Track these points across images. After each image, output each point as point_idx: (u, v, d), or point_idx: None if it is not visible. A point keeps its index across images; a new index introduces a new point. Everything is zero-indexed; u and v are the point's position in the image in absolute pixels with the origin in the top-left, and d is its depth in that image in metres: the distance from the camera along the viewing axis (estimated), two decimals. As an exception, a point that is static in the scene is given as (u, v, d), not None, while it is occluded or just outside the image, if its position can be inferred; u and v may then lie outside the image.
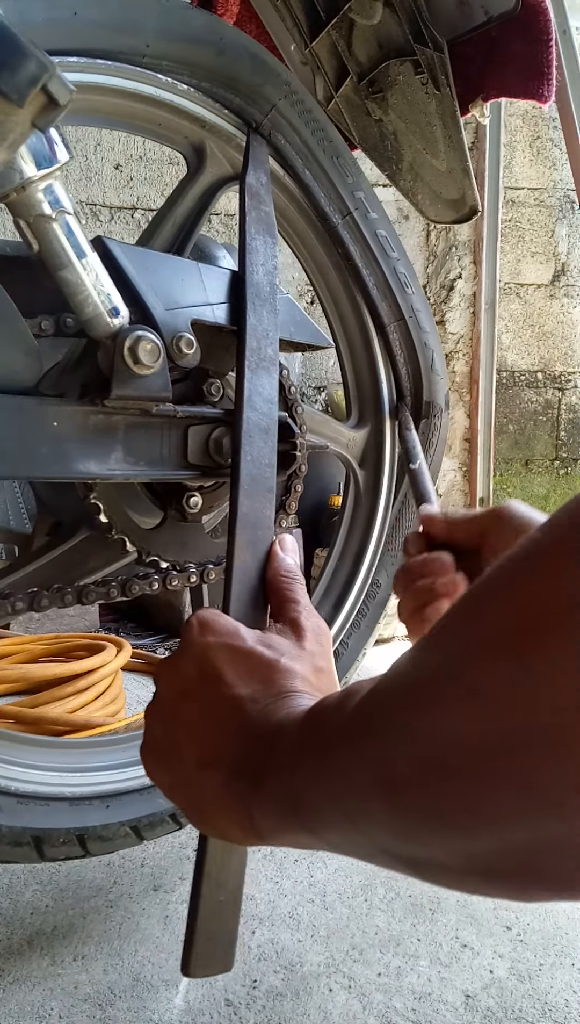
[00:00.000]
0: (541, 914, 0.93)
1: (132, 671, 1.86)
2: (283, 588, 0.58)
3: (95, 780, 0.84)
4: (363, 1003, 0.77)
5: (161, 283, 0.75)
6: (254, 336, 0.74)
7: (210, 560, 0.85)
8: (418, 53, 1.00)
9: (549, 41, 0.98)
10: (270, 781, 0.43)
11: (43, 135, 0.62)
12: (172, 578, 0.81)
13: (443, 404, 1.10)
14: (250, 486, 0.64)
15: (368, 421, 1.08)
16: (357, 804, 0.37)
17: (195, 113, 0.87)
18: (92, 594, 0.77)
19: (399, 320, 1.05)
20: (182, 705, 0.49)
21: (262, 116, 0.91)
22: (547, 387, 3.47)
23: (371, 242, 1.01)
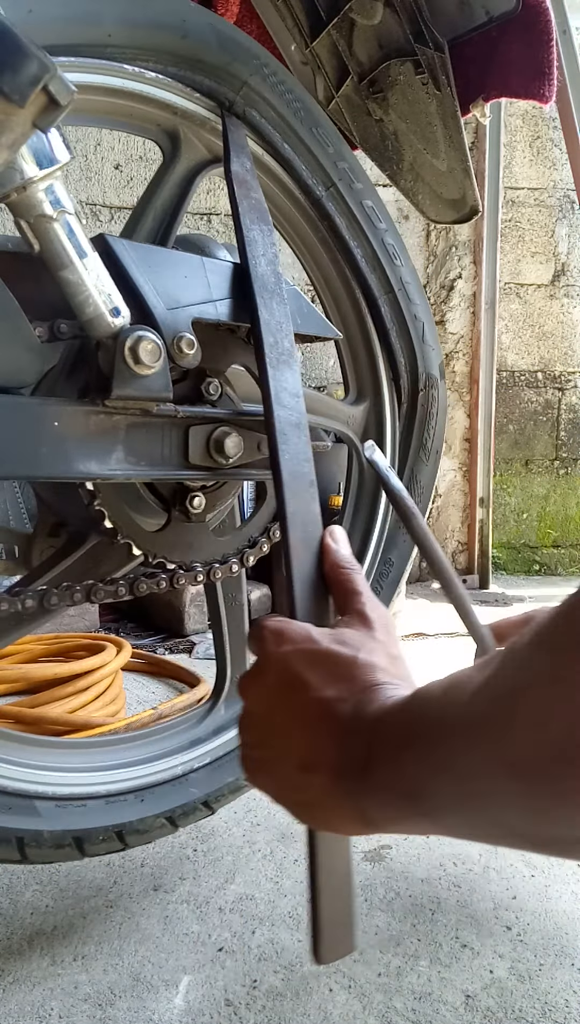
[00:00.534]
0: (541, 914, 0.93)
1: (132, 671, 1.86)
2: (344, 580, 0.59)
3: (129, 776, 0.88)
4: (363, 1003, 0.78)
5: (163, 280, 0.75)
6: (269, 331, 0.74)
7: (216, 559, 0.85)
8: (419, 53, 1.00)
9: (550, 41, 0.98)
10: (379, 773, 0.44)
11: (44, 135, 0.62)
12: (179, 577, 0.81)
13: (438, 374, 1.09)
14: (293, 484, 0.64)
15: (366, 396, 1.07)
16: (486, 788, 0.38)
17: (165, 100, 0.85)
18: (100, 592, 0.78)
19: (389, 293, 1.03)
20: (273, 716, 0.51)
21: (234, 94, 0.88)
22: (547, 387, 3.47)
23: (358, 213, 0.99)
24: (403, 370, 1.07)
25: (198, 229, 2.90)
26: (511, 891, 0.98)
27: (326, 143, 0.96)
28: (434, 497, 3.32)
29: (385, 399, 1.07)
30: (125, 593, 0.78)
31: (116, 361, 0.70)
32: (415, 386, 1.08)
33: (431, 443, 1.10)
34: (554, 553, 3.54)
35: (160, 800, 0.89)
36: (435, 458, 1.11)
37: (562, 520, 3.54)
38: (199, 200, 2.90)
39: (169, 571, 0.81)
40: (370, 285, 1.02)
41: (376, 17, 1.00)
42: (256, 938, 0.87)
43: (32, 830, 0.77)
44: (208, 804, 0.93)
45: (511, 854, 1.06)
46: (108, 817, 0.84)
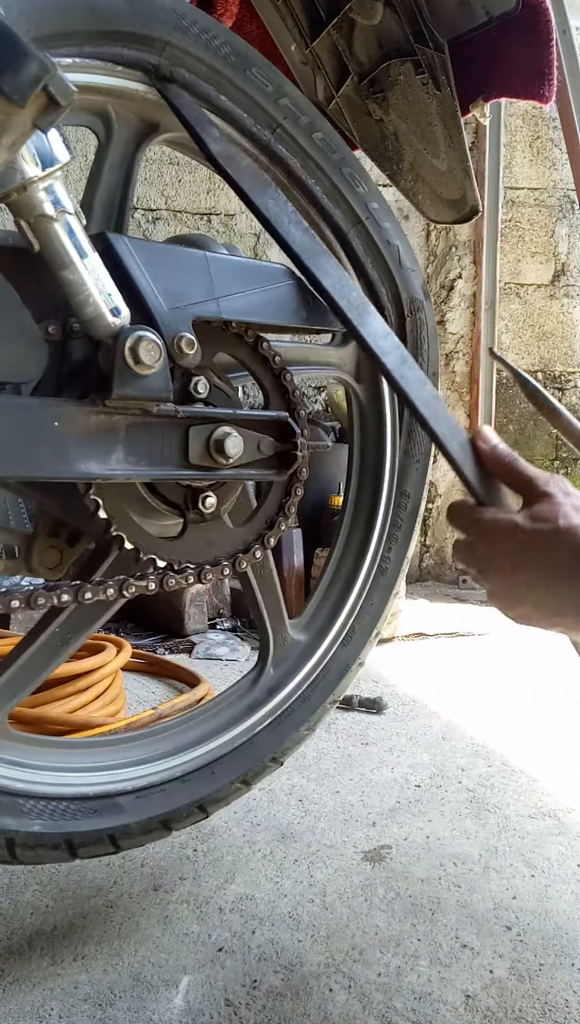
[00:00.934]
0: (541, 914, 0.93)
1: (132, 671, 1.86)
2: (512, 469, 0.72)
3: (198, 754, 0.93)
4: (363, 1003, 0.78)
5: (164, 279, 0.75)
6: (337, 293, 0.79)
7: (239, 549, 0.86)
8: (419, 53, 1.00)
9: (550, 41, 0.98)
10: None
11: (44, 135, 0.62)
12: (206, 573, 0.83)
13: (423, 296, 1.06)
14: (428, 408, 0.77)
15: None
16: None
17: (87, 83, 0.79)
18: (132, 587, 0.79)
19: (357, 224, 0.99)
20: (517, 588, 0.68)
21: (158, 57, 0.82)
22: (547, 387, 3.47)
23: (309, 148, 0.95)
24: (386, 299, 1.03)
25: (198, 229, 2.90)
26: (511, 891, 0.98)
27: (264, 83, 0.90)
28: (434, 497, 3.32)
29: None
30: (155, 588, 0.80)
31: (116, 361, 0.70)
32: (401, 313, 1.04)
33: (426, 367, 1.08)
34: (554, 553, 3.53)
35: (231, 768, 0.94)
36: (434, 380, 1.09)
37: (562, 520, 3.53)
38: (199, 200, 2.90)
39: (196, 567, 0.82)
40: (336, 219, 0.98)
41: (376, 17, 1.00)
42: (256, 938, 0.87)
43: (120, 825, 0.83)
44: (276, 759, 0.98)
45: (511, 854, 1.06)
46: (188, 795, 0.89)
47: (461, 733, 1.53)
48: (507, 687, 1.88)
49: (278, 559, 2.36)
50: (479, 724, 1.58)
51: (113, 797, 0.85)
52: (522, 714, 1.66)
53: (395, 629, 2.31)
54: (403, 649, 2.22)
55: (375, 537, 1.08)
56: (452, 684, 1.88)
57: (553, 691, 1.85)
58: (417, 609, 2.73)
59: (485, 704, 1.73)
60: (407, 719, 1.61)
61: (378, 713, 1.63)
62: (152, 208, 2.88)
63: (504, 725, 1.58)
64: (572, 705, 1.74)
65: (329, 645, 1.05)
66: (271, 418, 0.86)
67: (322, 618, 1.06)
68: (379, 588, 1.08)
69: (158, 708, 1.47)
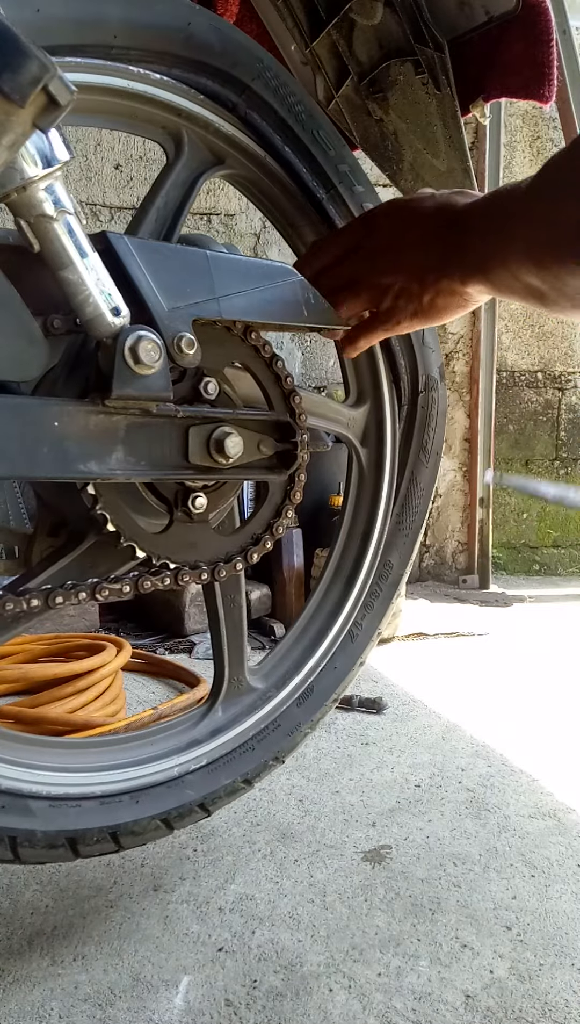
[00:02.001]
0: (541, 914, 0.93)
1: (132, 671, 1.86)
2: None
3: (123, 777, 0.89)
4: (363, 1003, 0.78)
5: (165, 278, 0.75)
6: None
7: (220, 558, 0.86)
8: (419, 53, 1.00)
9: (550, 41, 0.98)
10: (471, 252, 0.76)
11: (44, 135, 0.62)
12: (183, 575, 0.82)
13: (438, 376, 1.09)
14: None
15: (366, 399, 1.07)
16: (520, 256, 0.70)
17: (169, 102, 0.85)
18: (105, 590, 0.77)
19: None
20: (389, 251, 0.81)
21: (237, 97, 0.90)
22: (547, 387, 3.47)
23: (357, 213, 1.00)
24: (403, 372, 1.06)
25: (198, 229, 2.90)
26: (511, 891, 0.98)
27: (328, 146, 0.97)
28: (434, 497, 3.32)
29: (385, 401, 1.07)
30: (130, 592, 0.78)
31: (116, 361, 0.70)
32: (415, 388, 1.08)
33: (431, 445, 1.10)
34: (554, 553, 3.54)
35: (155, 802, 0.89)
36: (435, 459, 1.11)
37: (562, 520, 3.54)
38: (199, 200, 2.90)
39: (173, 569, 0.81)
40: None
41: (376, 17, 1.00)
42: (256, 938, 0.87)
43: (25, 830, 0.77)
44: (204, 807, 0.93)
45: (511, 854, 1.06)
46: (103, 818, 0.83)
47: (461, 733, 1.53)
48: (507, 687, 1.88)
49: (278, 559, 2.37)
50: (479, 724, 1.58)
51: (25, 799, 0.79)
52: (522, 714, 1.67)
53: (395, 629, 2.31)
54: (403, 649, 2.22)
55: (351, 601, 1.08)
56: (452, 684, 1.88)
57: (553, 691, 1.85)
58: (417, 609, 2.73)
59: (485, 704, 1.73)
60: (407, 719, 1.61)
61: (378, 713, 1.63)
62: (152, 208, 2.88)
63: (504, 725, 1.58)
64: (572, 705, 1.74)
65: (284, 699, 1.03)
66: (271, 418, 0.86)
67: (282, 671, 1.05)
68: (344, 653, 1.08)
69: (158, 708, 1.47)
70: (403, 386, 1.07)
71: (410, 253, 0.80)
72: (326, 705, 1.06)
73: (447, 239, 0.78)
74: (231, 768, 0.96)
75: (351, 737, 1.49)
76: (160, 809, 0.88)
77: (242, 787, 0.97)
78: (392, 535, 1.10)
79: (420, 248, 0.79)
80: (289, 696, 1.03)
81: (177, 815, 0.90)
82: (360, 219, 0.86)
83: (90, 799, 0.83)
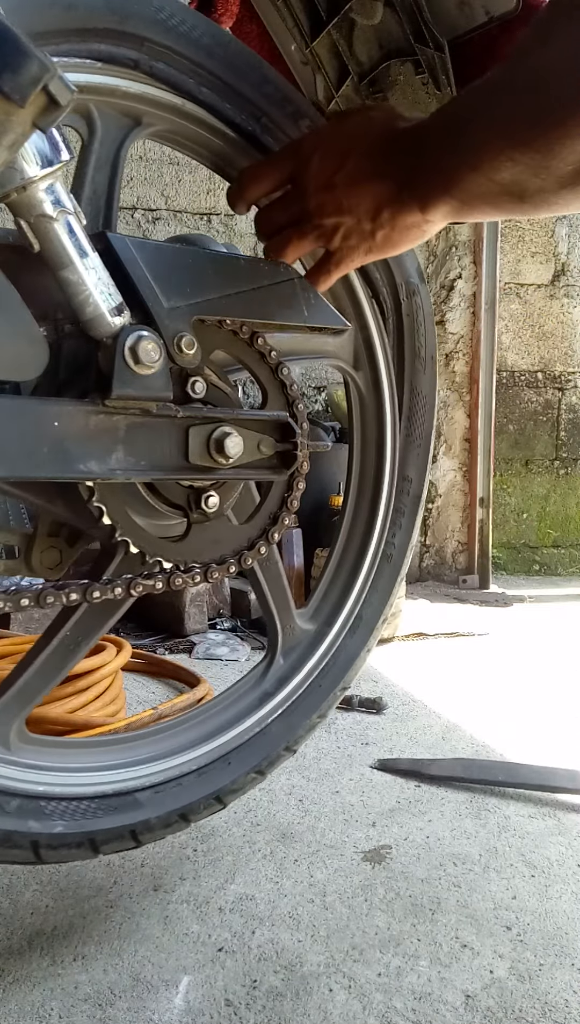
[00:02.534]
0: (541, 914, 0.93)
1: (132, 671, 1.86)
2: None
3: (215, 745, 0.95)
4: (363, 1003, 0.78)
5: (165, 278, 0.75)
6: None
7: (244, 546, 0.87)
8: (419, 53, 1.00)
9: (550, 41, 0.98)
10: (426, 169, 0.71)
11: (43, 135, 0.62)
12: (213, 571, 0.84)
13: (418, 280, 1.06)
14: None
15: (350, 321, 1.03)
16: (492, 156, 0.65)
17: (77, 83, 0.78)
18: (140, 586, 0.79)
19: None
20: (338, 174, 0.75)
21: (137, 53, 0.81)
22: (547, 387, 3.47)
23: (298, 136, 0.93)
24: (381, 285, 1.03)
25: (198, 229, 2.90)
26: (511, 891, 0.98)
27: (246, 73, 0.88)
28: (434, 497, 3.32)
29: (369, 319, 1.04)
30: (163, 587, 0.80)
31: (116, 361, 0.70)
32: (397, 298, 1.05)
33: (424, 351, 1.08)
34: (554, 553, 3.54)
35: (247, 758, 0.95)
36: (431, 364, 1.09)
37: (562, 520, 3.54)
38: (199, 200, 2.90)
39: (203, 566, 0.83)
40: None
41: (376, 17, 1.00)
42: (256, 938, 0.87)
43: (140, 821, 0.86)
44: (289, 748, 1.00)
45: (511, 854, 1.06)
46: (204, 788, 0.91)
47: (461, 733, 1.53)
48: (507, 687, 1.88)
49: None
50: (479, 724, 1.58)
51: (132, 794, 0.86)
52: (522, 714, 1.67)
53: (395, 629, 2.31)
54: (403, 649, 2.22)
55: (379, 522, 1.08)
56: (452, 684, 1.88)
57: (553, 691, 1.85)
58: (417, 609, 2.73)
59: (485, 704, 1.73)
60: (407, 719, 1.61)
61: (378, 713, 1.63)
62: (152, 208, 2.88)
63: (504, 725, 1.58)
64: (572, 705, 1.74)
65: (337, 633, 1.05)
66: (271, 418, 0.86)
67: (329, 607, 1.07)
68: (385, 575, 1.09)
69: (158, 708, 1.47)
70: (384, 299, 1.04)
71: (355, 191, 0.74)
72: (377, 628, 1.09)
73: (398, 166, 0.72)
74: (305, 708, 1.01)
75: (351, 737, 1.49)
76: (252, 763, 0.96)
77: (317, 722, 1.03)
78: (405, 450, 1.09)
79: (365, 182, 0.74)
80: (341, 629, 1.06)
81: (267, 763, 0.97)
82: (290, 148, 0.80)
83: (189, 775, 0.90)
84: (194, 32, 0.84)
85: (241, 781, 0.95)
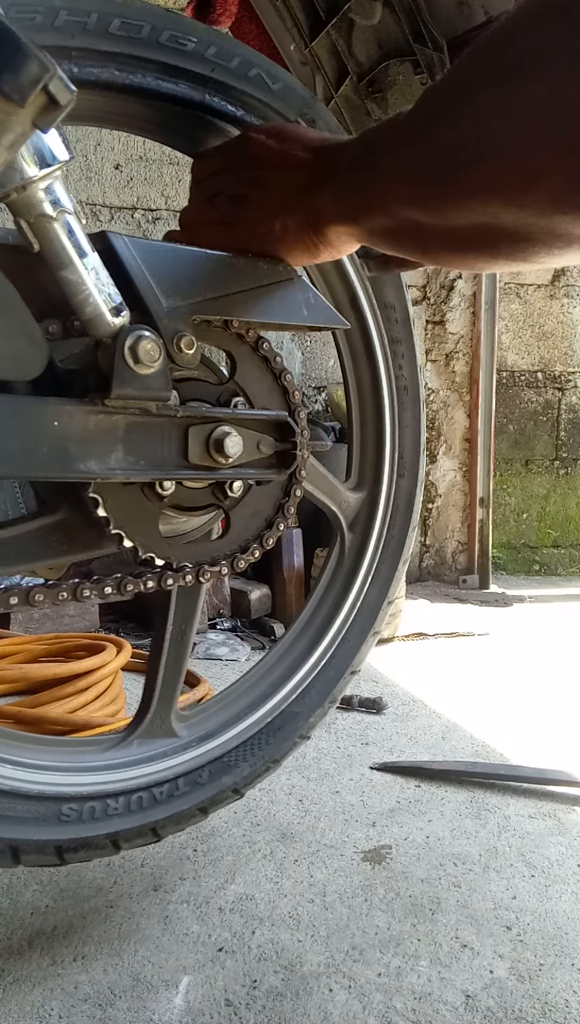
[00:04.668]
0: (541, 914, 0.93)
1: (132, 671, 1.86)
2: None
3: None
4: (363, 1003, 0.78)
5: (165, 277, 0.75)
6: None
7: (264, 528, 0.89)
8: (418, 53, 1.00)
9: (549, 41, 0.98)
10: (336, 185, 0.69)
11: (43, 135, 0.62)
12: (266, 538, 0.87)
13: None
14: None
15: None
16: (399, 192, 0.63)
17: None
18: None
19: None
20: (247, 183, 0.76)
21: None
22: (547, 387, 3.47)
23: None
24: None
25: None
26: (511, 891, 0.98)
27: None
28: (434, 497, 3.32)
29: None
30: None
31: (116, 361, 0.70)
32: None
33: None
34: (554, 553, 3.54)
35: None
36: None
37: (562, 520, 3.54)
38: (199, 200, 2.90)
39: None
40: None
41: (375, 17, 1.00)
42: (256, 938, 0.87)
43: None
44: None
45: (511, 854, 1.06)
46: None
47: (461, 733, 1.53)
48: (507, 687, 1.88)
49: (278, 559, 2.37)
50: (479, 724, 1.58)
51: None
52: (522, 714, 1.67)
53: (395, 629, 2.31)
54: (403, 649, 2.22)
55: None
56: (452, 684, 1.88)
57: (553, 691, 1.85)
58: (417, 609, 2.73)
59: (485, 704, 1.73)
60: (407, 719, 1.61)
61: (378, 713, 1.63)
62: (152, 208, 2.88)
63: (504, 725, 1.58)
64: (572, 705, 1.74)
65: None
66: (271, 418, 0.86)
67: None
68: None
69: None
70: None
71: (264, 207, 0.75)
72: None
73: (310, 184, 0.71)
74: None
75: (351, 737, 1.49)
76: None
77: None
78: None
79: (277, 197, 0.74)
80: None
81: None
82: (221, 149, 0.81)
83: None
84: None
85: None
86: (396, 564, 1.11)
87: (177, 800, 0.91)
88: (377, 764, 1.35)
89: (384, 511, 1.09)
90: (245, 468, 0.83)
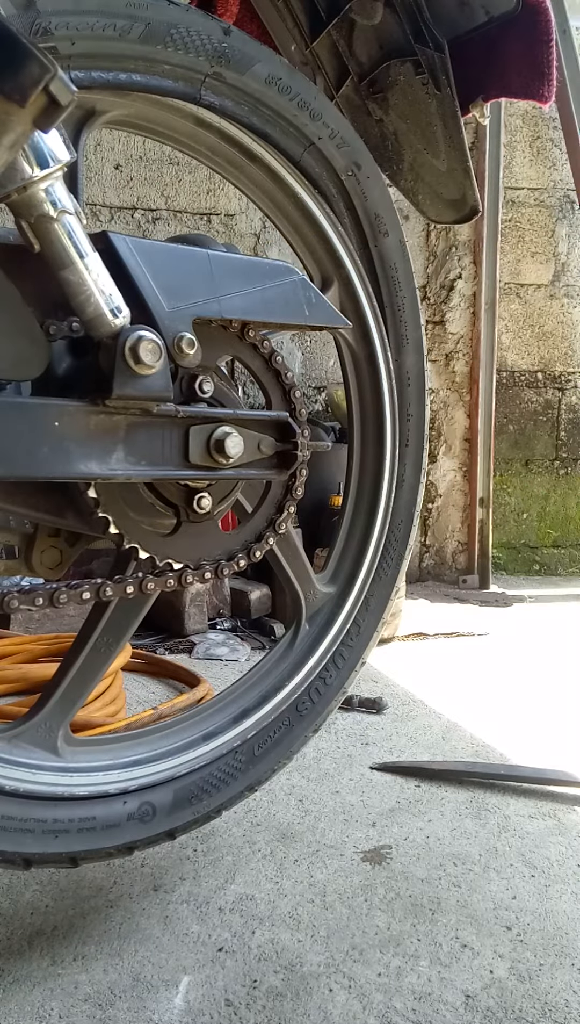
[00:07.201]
0: (541, 914, 0.93)
1: (132, 671, 1.86)
2: None
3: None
4: (363, 1003, 0.78)
5: (165, 278, 0.75)
6: None
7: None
8: (419, 53, 1.00)
9: (549, 41, 0.98)
10: None
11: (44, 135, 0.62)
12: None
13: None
14: None
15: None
16: None
17: None
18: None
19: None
20: None
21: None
22: (547, 387, 3.47)
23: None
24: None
25: (198, 229, 2.90)
26: (511, 891, 0.98)
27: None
28: (434, 497, 3.32)
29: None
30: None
31: (116, 361, 0.70)
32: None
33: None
34: (554, 553, 3.54)
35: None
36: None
37: (562, 520, 3.54)
38: (199, 200, 2.90)
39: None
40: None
41: (376, 17, 1.00)
42: (256, 938, 0.87)
43: None
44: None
45: (511, 854, 1.06)
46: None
47: (461, 733, 1.53)
48: (507, 687, 1.88)
49: (278, 559, 2.37)
50: (479, 724, 1.58)
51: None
52: (522, 714, 1.66)
53: (395, 629, 2.31)
54: (403, 649, 2.22)
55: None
56: (452, 684, 1.88)
57: (553, 691, 1.85)
58: (417, 609, 2.73)
59: (485, 704, 1.73)
60: (407, 719, 1.61)
61: (378, 713, 1.63)
62: (152, 208, 2.88)
63: (504, 725, 1.58)
64: (572, 704, 1.74)
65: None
66: (271, 418, 0.86)
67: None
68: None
69: (158, 708, 1.47)
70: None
71: None
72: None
73: None
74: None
75: (351, 737, 1.49)
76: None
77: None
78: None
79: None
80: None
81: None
82: None
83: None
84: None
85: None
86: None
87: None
88: (377, 764, 1.35)
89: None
90: (246, 468, 0.83)
